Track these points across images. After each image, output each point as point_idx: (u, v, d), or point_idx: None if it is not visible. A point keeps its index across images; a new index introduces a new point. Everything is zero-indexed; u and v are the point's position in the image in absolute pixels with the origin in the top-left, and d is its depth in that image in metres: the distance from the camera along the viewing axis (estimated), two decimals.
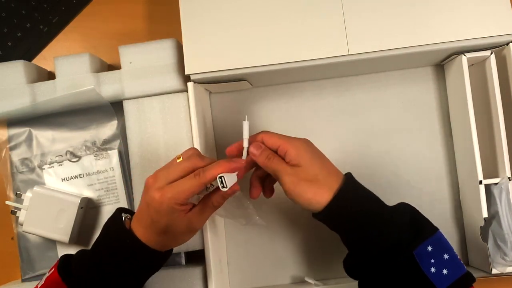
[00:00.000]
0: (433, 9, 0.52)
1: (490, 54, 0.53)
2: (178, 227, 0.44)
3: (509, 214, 0.51)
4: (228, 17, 0.54)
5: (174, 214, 0.43)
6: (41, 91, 0.58)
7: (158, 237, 0.44)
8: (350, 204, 0.44)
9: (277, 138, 0.46)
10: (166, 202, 0.42)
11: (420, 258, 0.41)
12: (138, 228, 0.45)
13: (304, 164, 0.45)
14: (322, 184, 0.44)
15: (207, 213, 0.46)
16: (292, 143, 0.46)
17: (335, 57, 0.52)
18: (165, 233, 0.44)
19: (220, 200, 0.46)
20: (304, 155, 0.45)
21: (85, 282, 0.44)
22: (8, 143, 0.60)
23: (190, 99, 0.54)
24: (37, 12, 0.66)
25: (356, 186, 0.46)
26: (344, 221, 0.45)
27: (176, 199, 0.42)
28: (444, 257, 0.41)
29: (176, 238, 0.46)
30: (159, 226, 0.44)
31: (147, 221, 0.44)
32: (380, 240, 0.42)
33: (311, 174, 0.44)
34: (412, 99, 0.61)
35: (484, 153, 0.54)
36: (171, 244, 0.47)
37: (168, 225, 0.44)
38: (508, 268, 0.52)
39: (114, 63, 0.65)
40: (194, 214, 0.45)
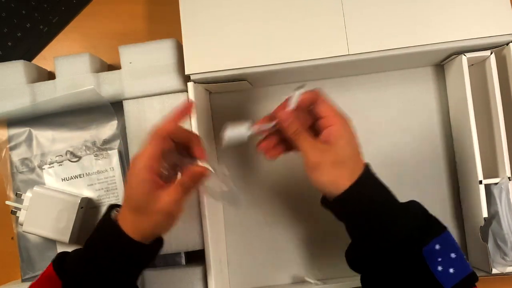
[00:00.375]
0: (433, 9, 0.52)
1: (490, 54, 0.53)
2: (150, 204, 0.43)
3: (509, 214, 0.51)
4: (228, 17, 0.54)
5: (144, 184, 0.42)
6: (41, 91, 0.58)
7: (133, 217, 0.43)
8: (367, 194, 0.44)
9: (327, 107, 0.45)
10: (135, 170, 0.42)
11: (428, 256, 0.41)
12: (122, 218, 0.44)
13: (339, 146, 0.44)
14: (346, 169, 0.44)
15: (178, 195, 0.43)
16: (340, 120, 0.45)
17: (335, 57, 0.52)
18: (138, 210, 0.43)
19: (188, 180, 0.44)
20: (344, 136, 0.44)
21: (77, 277, 0.44)
22: (8, 143, 0.60)
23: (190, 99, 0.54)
24: (37, 12, 0.66)
25: (374, 177, 0.46)
26: (357, 210, 0.44)
27: (142, 165, 0.42)
28: (451, 256, 0.41)
29: (152, 220, 0.43)
30: (130, 199, 0.43)
31: (124, 197, 0.44)
32: (390, 234, 0.42)
33: (340, 157, 0.44)
34: (412, 99, 0.61)
35: (484, 153, 0.54)
36: (148, 228, 0.44)
37: (140, 200, 0.43)
38: (508, 268, 0.52)
39: (114, 63, 0.65)
40: (166, 194, 0.43)
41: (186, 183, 0.44)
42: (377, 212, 0.43)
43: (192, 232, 0.56)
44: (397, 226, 0.42)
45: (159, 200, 0.43)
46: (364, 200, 0.44)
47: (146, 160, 0.42)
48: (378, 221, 0.43)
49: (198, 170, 0.44)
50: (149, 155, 0.43)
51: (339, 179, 0.43)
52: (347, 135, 0.44)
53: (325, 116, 0.45)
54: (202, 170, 0.44)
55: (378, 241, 0.42)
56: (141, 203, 0.43)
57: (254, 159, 0.62)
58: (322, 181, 0.44)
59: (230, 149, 0.62)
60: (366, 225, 0.44)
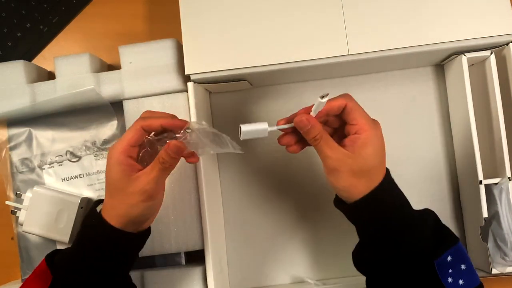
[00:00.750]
0: (433, 9, 0.52)
1: (490, 54, 0.53)
2: (126, 186, 0.43)
3: (509, 214, 0.51)
4: (228, 17, 0.54)
5: (120, 166, 0.43)
6: (41, 91, 0.58)
7: (112, 202, 0.43)
8: (383, 202, 0.43)
9: (359, 115, 0.43)
10: (111, 152, 0.43)
11: (439, 267, 0.41)
12: (104, 207, 0.44)
13: (364, 155, 0.42)
14: (366, 177, 0.43)
15: (156, 172, 0.43)
16: (370, 129, 0.43)
17: (335, 57, 0.52)
18: (116, 193, 0.43)
19: (165, 156, 0.43)
20: (371, 146, 0.43)
21: (65, 270, 0.44)
22: (8, 143, 0.60)
23: (190, 99, 0.54)
24: (37, 12, 0.66)
25: (392, 185, 0.45)
26: (371, 217, 0.43)
27: (119, 148, 0.43)
28: (461, 267, 0.41)
29: (130, 202, 0.43)
30: (109, 183, 0.43)
31: (105, 189, 0.44)
32: (404, 244, 0.42)
33: (362, 166, 0.43)
34: (412, 99, 0.61)
35: (484, 153, 0.54)
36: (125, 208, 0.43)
37: (115, 180, 0.43)
38: (508, 268, 0.52)
39: (114, 63, 0.65)
40: (144, 174, 0.43)
41: (163, 158, 0.43)
42: (392, 221, 0.43)
43: (192, 232, 0.56)
44: (410, 236, 0.42)
45: (136, 181, 0.43)
46: (380, 208, 0.43)
47: (123, 145, 0.43)
48: (392, 230, 0.43)
49: (173, 143, 0.43)
50: (127, 141, 0.43)
51: (357, 186, 0.43)
52: (374, 145, 0.43)
53: (355, 124, 0.43)
54: (176, 142, 0.43)
55: (390, 250, 0.42)
56: (118, 185, 0.43)
57: (254, 159, 0.62)
58: (339, 186, 0.43)
59: None
60: (379, 233, 0.43)
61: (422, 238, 0.42)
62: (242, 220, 0.62)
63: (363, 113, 0.44)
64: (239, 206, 0.62)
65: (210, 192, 0.56)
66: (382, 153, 0.44)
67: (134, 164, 0.44)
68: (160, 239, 0.56)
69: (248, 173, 0.62)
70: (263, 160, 0.61)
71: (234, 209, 0.62)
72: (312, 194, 0.61)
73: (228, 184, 0.62)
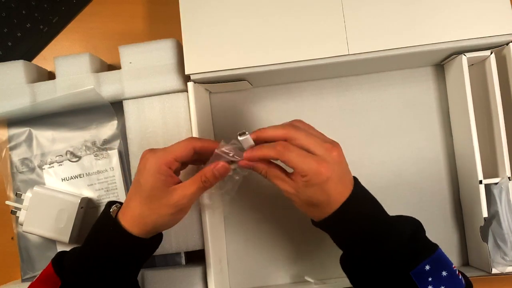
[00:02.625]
0: (433, 9, 0.52)
1: (490, 54, 0.53)
2: (162, 196, 0.43)
3: (509, 214, 0.51)
4: (228, 17, 0.54)
5: (161, 177, 0.42)
6: (41, 91, 0.58)
7: (141, 209, 0.43)
8: (350, 218, 0.43)
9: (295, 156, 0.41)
10: (154, 160, 0.43)
11: (418, 277, 0.40)
12: (124, 212, 0.44)
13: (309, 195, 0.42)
14: (320, 207, 0.42)
15: (194, 188, 0.43)
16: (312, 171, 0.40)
17: (335, 57, 0.52)
18: (149, 201, 0.43)
19: (209, 176, 0.43)
20: (315, 187, 0.41)
21: (75, 274, 0.43)
22: (8, 143, 0.60)
23: (190, 99, 0.54)
24: (37, 12, 0.66)
25: (360, 199, 0.43)
26: (339, 233, 0.44)
27: (164, 158, 0.43)
28: (442, 274, 0.41)
29: (161, 213, 0.43)
30: (143, 189, 0.43)
31: (132, 190, 0.44)
32: (377, 256, 0.42)
33: (311, 202, 0.42)
34: (412, 99, 0.61)
35: (484, 153, 0.54)
36: (155, 218, 0.43)
37: (155, 189, 0.42)
38: (508, 267, 0.52)
39: (114, 63, 0.65)
40: (181, 187, 0.43)
41: (205, 177, 0.43)
42: (361, 235, 0.42)
43: (192, 232, 0.56)
44: (383, 249, 0.42)
45: (173, 194, 0.43)
46: (346, 225, 0.43)
47: (169, 157, 0.43)
48: (363, 244, 0.42)
49: (222, 164, 0.43)
50: (174, 155, 0.43)
51: (314, 212, 0.44)
52: (318, 185, 0.41)
53: (294, 168, 0.42)
54: (225, 164, 0.43)
55: (365, 262, 0.42)
56: (154, 193, 0.42)
57: None
58: (300, 210, 0.44)
59: None
60: (350, 247, 0.44)
61: (396, 249, 0.41)
62: (242, 220, 0.62)
63: (300, 154, 0.41)
64: (239, 206, 0.62)
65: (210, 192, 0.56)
66: (332, 185, 0.41)
67: (174, 176, 0.44)
68: None
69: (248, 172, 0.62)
70: None
71: (234, 209, 0.62)
72: None
73: None
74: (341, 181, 0.42)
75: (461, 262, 0.59)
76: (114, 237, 0.43)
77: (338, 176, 0.41)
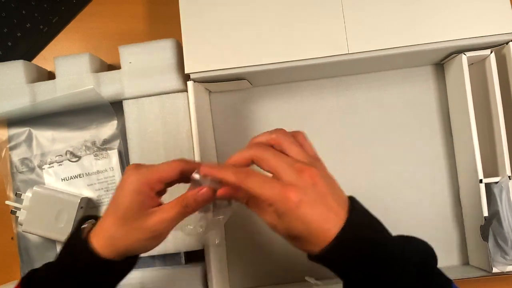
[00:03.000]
0: (433, 8, 0.52)
1: (490, 53, 0.53)
2: (138, 218, 0.38)
3: (509, 213, 0.51)
4: (227, 16, 0.54)
5: (141, 197, 0.38)
6: (41, 91, 0.58)
7: (116, 229, 0.39)
8: (351, 248, 0.35)
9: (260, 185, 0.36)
10: (135, 178, 0.39)
11: None
12: (97, 231, 0.39)
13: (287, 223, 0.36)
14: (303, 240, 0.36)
15: (174, 213, 0.39)
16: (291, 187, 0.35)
17: (335, 56, 0.52)
18: (123, 222, 0.39)
19: (191, 201, 0.39)
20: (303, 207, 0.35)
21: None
22: (8, 143, 0.60)
23: (190, 98, 0.54)
24: (37, 12, 0.66)
25: (359, 224, 0.36)
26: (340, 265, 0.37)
27: (147, 177, 0.39)
28: None
29: (136, 236, 0.39)
30: (119, 209, 0.39)
31: (109, 207, 0.39)
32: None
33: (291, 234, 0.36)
34: (412, 98, 0.61)
35: (484, 152, 0.54)
36: (127, 243, 0.39)
37: (132, 210, 0.38)
38: (509, 267, 0.52)
39: (114, 63, 0.65)
40: (161, 211, 0.39)
41: (187, 202, 0.39)
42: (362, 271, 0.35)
43: None
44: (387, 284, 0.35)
45: (150, 217, 0.39)
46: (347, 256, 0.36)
47: (152, 177, 0.39)
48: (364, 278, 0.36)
49: (206, 189, 0.39)
50: (158, 176, 0.39)
51: (305, 246, 0.37)
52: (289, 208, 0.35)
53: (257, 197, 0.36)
54: (208, 190, 0.39)
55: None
56: (130, 215, 0.39)
57: None
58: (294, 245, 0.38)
59: (229, 146, 0.62)
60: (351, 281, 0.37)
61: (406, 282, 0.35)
62: (242, 220, 0.62)
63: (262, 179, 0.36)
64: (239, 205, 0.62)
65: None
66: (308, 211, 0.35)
67: (155, 197, 0.40)
68: None
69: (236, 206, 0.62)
70: None
71: None
72: None
73: None
74: (324, 206, 0.35)
75: (461, 261, 0.59)
76: (81, 259, 0.39)
77: (316, 200, 0.35)
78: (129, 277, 0.56)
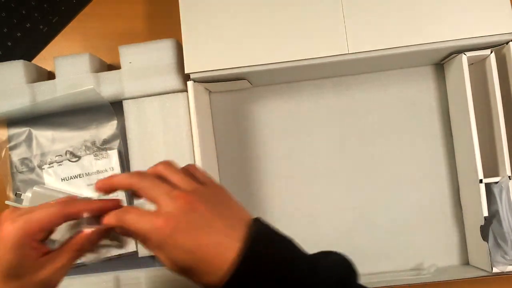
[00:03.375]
0: (433, 8, 0.52)
1: (490, 53, 0.53)
2: (26, 273, 0.35)
3: (509, 213, 0.51)
4: (227, 16, 0.54)
5: (24, 251, 0.35)
6: (41, 91, 0.58)
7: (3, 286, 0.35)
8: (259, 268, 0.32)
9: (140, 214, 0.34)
10: (13, 232, 0.34)
11: None
12: None
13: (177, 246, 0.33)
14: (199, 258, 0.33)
15: (66, 260, 0.36)
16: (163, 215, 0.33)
17: (335, 56, 0.52)
18: (9, 280, 0.35)
19: (85, 244, 0.37)
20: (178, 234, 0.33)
21: None
22: (8, 143, 0.60)
23: (190, 98, 0.54)
24: (37, 12, 0.66)
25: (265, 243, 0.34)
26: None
27: (26, 229, 0.35)
28: None
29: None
30: (5, 266, 0.34)
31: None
32: None
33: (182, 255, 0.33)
34: (412, 98, 0.61)
35: (484, 152, 0.54)
36: None
37: (16, 267, 0.34)
38: (509, 267, 0.52)
39: (114, 63, 0.65)
40: (49, 261, 0.35)
41: (81, 245, 0.37)
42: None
43: None
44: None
45: (40, 269, 0.35)
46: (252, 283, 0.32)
47: (30, 227, 0.35)
48: None
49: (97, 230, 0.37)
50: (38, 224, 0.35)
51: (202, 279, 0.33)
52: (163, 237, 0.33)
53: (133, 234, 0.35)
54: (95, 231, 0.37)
55: None
56: (16, 272, 0.35)
57: (254, 156, 0.62)
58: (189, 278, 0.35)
59: (229, 146, 0.62)
60: None
61: None
62: None
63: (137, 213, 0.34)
64: None
65: None
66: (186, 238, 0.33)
67: (41, 246, 0.36)
68: None
69: (248, 173, 0.62)
70: (263, 159, 0.61)
71: None
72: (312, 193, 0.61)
73: (228, 183, 0.62)
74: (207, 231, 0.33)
75: (461, 261, 0.59)
76: None
77: (194, 226, 0.33)
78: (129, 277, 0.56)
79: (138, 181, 0.36)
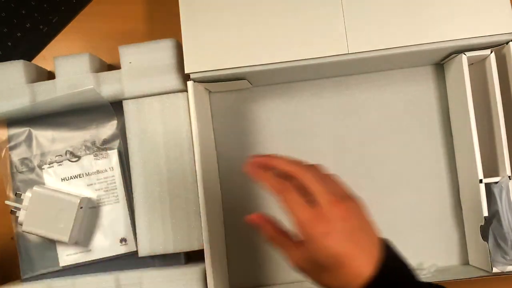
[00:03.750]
0: (433, 8, 0.52)
1: (490, 53, 0.53)
2: None
3: (509, 213, 0.51)
4: (227, 16, 0.54)
5: None
6: (41, 91, 0.58)
7: None
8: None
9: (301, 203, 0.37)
10: None
11: None
12: None
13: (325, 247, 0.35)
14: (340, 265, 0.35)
15: None
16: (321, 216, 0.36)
17: (335, 56, 0.52)
18: None
19: None
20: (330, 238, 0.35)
21: None
22: (8, 143, 0.60)
23: (190, 98, 0.54)
24: (37, 12, 0.66)
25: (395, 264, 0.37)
26: None
27: None
28: None
29: None
30: None
31: None
32: None
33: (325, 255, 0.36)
34: (412, 98, 0.61)
35: (484, 152, 0.54)
36: None
37: None
38: (509, 267, 0.52)
39: (114, 63, 0.65)
40: None
41: None
42: None
43: (192, 232, 0.56)
44: None
45: None
46: None
47: None
48: None
49: None
50: None
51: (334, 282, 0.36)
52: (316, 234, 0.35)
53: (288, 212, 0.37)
54: None
55: None
56: None
57: None
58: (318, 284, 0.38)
59: (229, 146, 0.62)
60: None
61: None
62: (242, 220, 0.62)
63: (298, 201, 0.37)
64: (239, 205, 0.62)
65: (210, 192, 0.56)
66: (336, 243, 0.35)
67: None
68: (160, 239, 0.56)
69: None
70: None
71: (234, 208, 0.62)
72: None
73: (228, 183, 0.62)
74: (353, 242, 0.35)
75: (461, 261, 0.59)
76: None
77: (345, 236, 0.35)
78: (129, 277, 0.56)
79: (301, 170, 0.38)
